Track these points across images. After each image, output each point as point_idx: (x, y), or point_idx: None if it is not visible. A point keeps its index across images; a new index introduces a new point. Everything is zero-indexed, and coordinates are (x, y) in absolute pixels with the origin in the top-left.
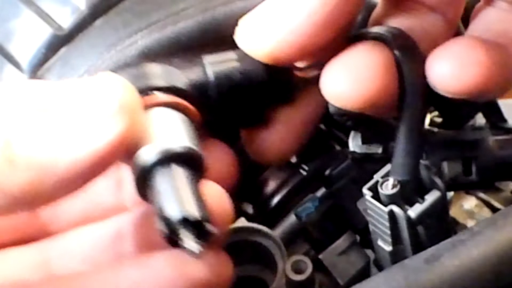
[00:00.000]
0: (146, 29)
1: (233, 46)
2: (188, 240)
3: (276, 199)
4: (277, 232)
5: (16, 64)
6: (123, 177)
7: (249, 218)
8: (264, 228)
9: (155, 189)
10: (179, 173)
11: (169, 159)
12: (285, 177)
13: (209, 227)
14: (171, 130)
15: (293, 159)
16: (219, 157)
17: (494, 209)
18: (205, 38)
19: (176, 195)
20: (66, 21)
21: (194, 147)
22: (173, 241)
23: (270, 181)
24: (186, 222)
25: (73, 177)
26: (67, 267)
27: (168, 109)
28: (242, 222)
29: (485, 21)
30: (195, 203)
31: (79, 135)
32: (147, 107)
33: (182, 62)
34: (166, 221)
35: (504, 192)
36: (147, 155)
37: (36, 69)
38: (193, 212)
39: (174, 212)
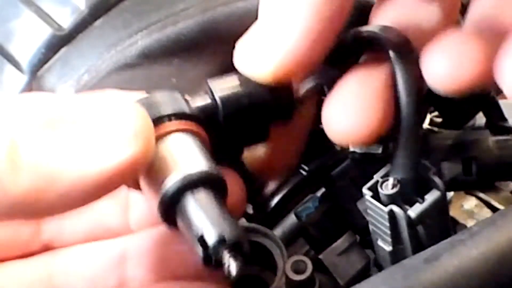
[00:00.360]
0: (146, 29)
1: (232, 46)
2: (228, 261)
3: (276, 199)
4: (277, 232)
5: (16, 64)
6: (130, 201)
7: (249, 218)
8: (264, 228)
9: (187, 214)
10: (207, 196)
11: (195, 183)
12: (285, 177)
13: (246, 247)
14: (190, 155)
15: None
16: (229, 186)
17: (494, 209)
18: (205, 38)
19: (211, 217)
20: (66, 21)
21: (215, 170)
22: (211, 263)
23: (270, 182)
24: (225, 243)
25: (78, 191)
26: (70, 285)
27: (181, 135)
28: (242, 222)
29: (481, 9)
30: (231, 225)
31: (91, 151)
32: (161, 135)
33: (183, 62)
34: (205, 244)
35: (504, 192)
36: (172, 182)
37: (36, 69)
38: (232, 233)
39: (213, 235)
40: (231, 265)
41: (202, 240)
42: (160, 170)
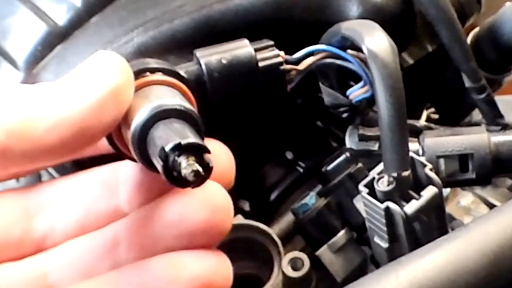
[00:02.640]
0: (142, 26)
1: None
2: (187, 166)
3: (273, 196)
4: (274, 229)
5: (12, 62)
6: (117, 181)
7: (246, 215)
8: (261, 225)
9: (153, 136)
10: (176, 122)
11: (165, 113)
12: (281, 174)
13: (208, 158)
14: (165, 95)
15: (290, 156)
16: (216, 156)
17: (490, 206)
18: (201, 35)
19: (173, 130)
20: (62, 18)
21: (191, 108)
22: (173, 177)
23: (267, 178)
24: (183, 148)
25: (68, 126)
26: (65, 280)
27: (163, 87)
28: (238, 219)
29: None
30: (194, 135)
31: (73, 88)
32: (141, 86)
33: (179, 59)
34: (163, 153)
35: (501, 189)
36: (143, 113)
37: (32, 67)
38: (188, 139)
39: (171, 140)
40: (186, 169)
41: (161, 152)
42: (135, 110)
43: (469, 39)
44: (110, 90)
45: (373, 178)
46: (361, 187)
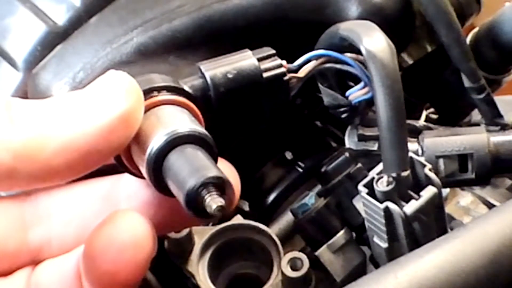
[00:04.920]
0: (142, 27)
1: (227, 43)
2: (207, 198)
3: (272, 196)
4: (274, 229)
5: (11, 62)
6: (119, 196)
7: (245, 215)
8: (260, 225)
9: (172, 167)
10: (192, 149)
11: (180, 139)
12: (281, 174)
13: (230, 189)
14: (178, 119)
15: (289, 156)
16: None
17: (490, 206)
18: (200, 36)
19: (193, 161)
20: (61, 18)
21: (203, 132)
22: (193, 205)
23: (266, 178)
24: (204, 182)
25: (75, 148)
26: None
27: (171, 106)
28: (238, 219)
29: None
30: (212, 166)
31: (83, 110)
32: (150, 105)
33: (178, 60)
34: (186, 187)
35: (500, 189)
36: (158, 140)
37: (31, 67)
38: (211, 172)
39: (193, 174)
40: (209, 202)
41: (183, 186)
42: (147, 134)
43: (468, 39)
44: (120, 114)
45: (373, 178)
46: (360, 187)
